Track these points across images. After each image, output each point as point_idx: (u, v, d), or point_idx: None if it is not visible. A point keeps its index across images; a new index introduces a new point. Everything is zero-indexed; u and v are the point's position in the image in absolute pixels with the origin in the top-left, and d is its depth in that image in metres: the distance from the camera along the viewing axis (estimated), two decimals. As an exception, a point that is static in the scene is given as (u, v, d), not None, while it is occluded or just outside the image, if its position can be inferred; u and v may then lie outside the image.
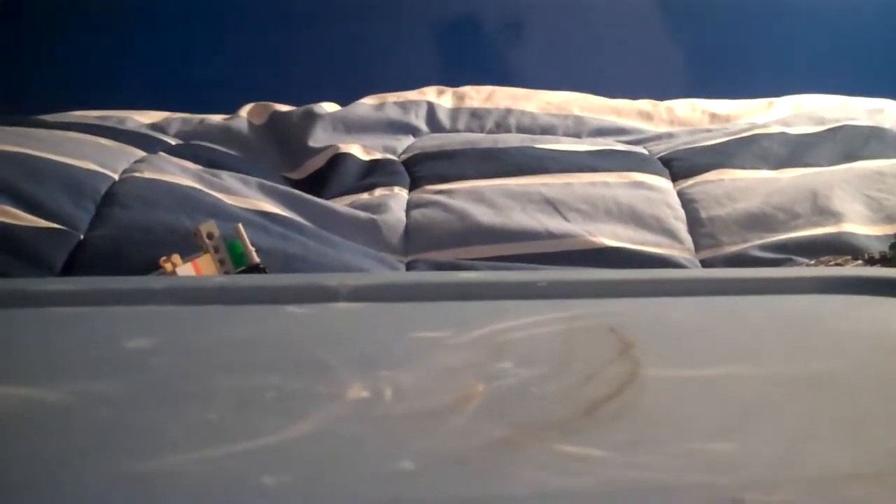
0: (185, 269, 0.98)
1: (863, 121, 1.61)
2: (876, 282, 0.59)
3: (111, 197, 1.25)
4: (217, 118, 1.71)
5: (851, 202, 1.31)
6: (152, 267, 1.00)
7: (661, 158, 1.53)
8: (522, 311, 0.54)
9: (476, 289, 0.59)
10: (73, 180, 1.26)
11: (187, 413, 0.38)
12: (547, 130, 1.69)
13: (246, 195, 1.32)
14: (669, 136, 1.69)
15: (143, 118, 1.72)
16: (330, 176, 1.47)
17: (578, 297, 0.57)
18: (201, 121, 1.70)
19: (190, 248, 1.03)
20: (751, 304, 0.57)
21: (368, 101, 1.74)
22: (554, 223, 1.28)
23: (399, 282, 0.65)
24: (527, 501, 0.29)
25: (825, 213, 1.29)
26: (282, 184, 1.41)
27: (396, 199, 1.36)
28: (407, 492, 0.30)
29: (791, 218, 1.29)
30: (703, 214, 1.33)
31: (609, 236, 1.26)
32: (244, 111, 1.72)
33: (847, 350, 0.49)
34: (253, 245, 1.04)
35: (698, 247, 1.29)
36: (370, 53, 1.95)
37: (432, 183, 1.40)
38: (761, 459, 0.34)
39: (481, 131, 1.70)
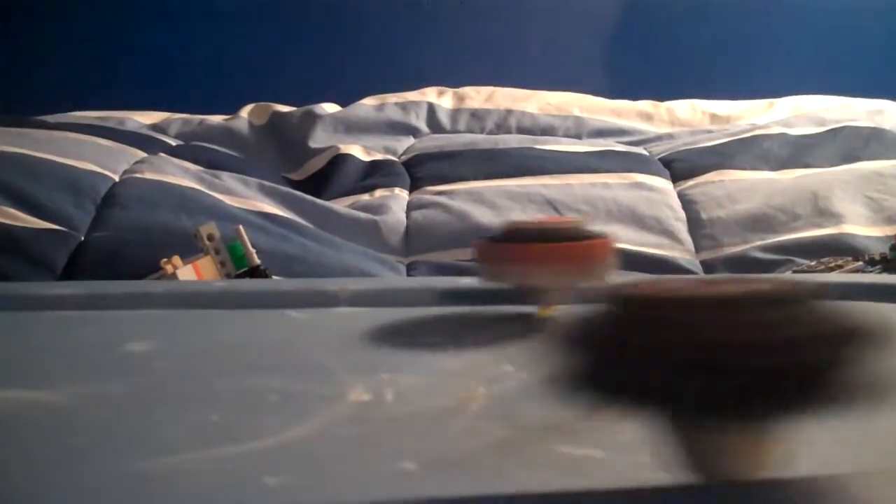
0: (186, 271, 0.98)
1: (863, 122, 1.61)
2: (877, 288, 0.59)
3: (111, 198, 1.25)
4: (217, 119, 1.72)
5: (852, 203, 1.31)
6: (153, 268, 1.00)
7: (661, 159, 1.53)
8: (522, 313, 0.54)
9: (475, 292, 0.59)
10: (73, 181, 1.26)
11: (189, 414, 0.38)
12: (547, 131, 1.70)
13: (246, 196, 1.32)
14: (670, 136, 1.69)
15: (143, 119, 1.72)
16: (330, 177, 1.47)
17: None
18: (201, 121, 1.70)
19: (190, 249, 1.03)
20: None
21: (369, 102, 1.74)
22: (554, 224, 1.28)
23: (398, 287, 0.65)
24: (528, 503, 0.30)
25: (825, 214, 1.29)
26: (282, 184, 1.41)
27: (397, 200, 1.36)
28: (408, 493, 0.30)
29: (791, 219, 1.29)
30: (704, 215, 1.33)
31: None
32: (244, 112, 1.73)
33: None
34: (253, 246, 1.05)
35: (699, 248, 1.29)
36: (370, 54, 1.95)
37: (433, 184, 1.40)
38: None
39: (481, 132, 1.70)
